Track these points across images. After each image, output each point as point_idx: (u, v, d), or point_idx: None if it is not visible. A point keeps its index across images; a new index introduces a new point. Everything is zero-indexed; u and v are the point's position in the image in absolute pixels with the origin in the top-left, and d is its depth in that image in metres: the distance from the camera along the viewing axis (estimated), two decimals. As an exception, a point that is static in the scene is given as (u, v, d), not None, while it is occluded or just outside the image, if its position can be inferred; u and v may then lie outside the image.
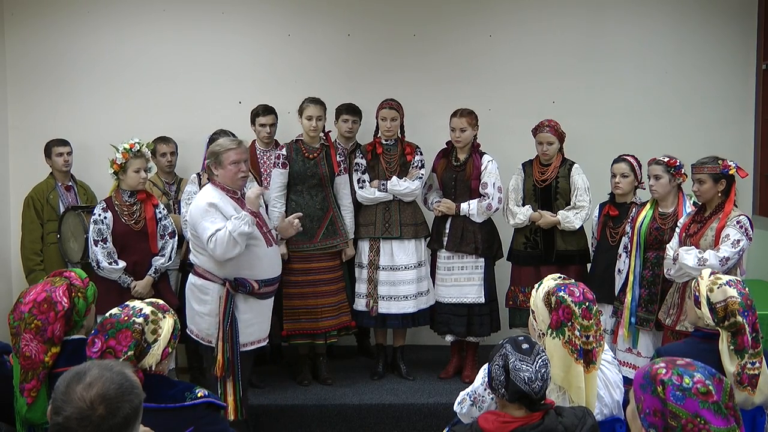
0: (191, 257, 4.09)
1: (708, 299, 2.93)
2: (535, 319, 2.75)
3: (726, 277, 2.98)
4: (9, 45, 5.54)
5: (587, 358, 2.61)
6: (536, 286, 2.80)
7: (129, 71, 5.55)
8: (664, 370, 1.92)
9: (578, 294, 2.66)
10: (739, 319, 2.84)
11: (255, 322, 4.07)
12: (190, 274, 4.08)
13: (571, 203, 4.80)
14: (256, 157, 5.11)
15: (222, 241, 3.78)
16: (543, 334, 2.70)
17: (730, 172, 3.91)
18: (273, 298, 4.21)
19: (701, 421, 1.84)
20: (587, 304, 2.64)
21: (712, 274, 3.03)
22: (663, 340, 4.17)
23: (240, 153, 3.98)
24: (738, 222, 3.86)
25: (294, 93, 5.08)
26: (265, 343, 4.22)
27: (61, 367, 2.59)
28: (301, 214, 4.46)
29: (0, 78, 5.51)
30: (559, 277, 2.78)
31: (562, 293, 2.66)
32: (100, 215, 4.34)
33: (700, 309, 2.96)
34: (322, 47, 5.63)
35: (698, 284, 3.01)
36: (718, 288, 2.93)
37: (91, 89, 5.55)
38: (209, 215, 3.84)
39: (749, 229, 3.87)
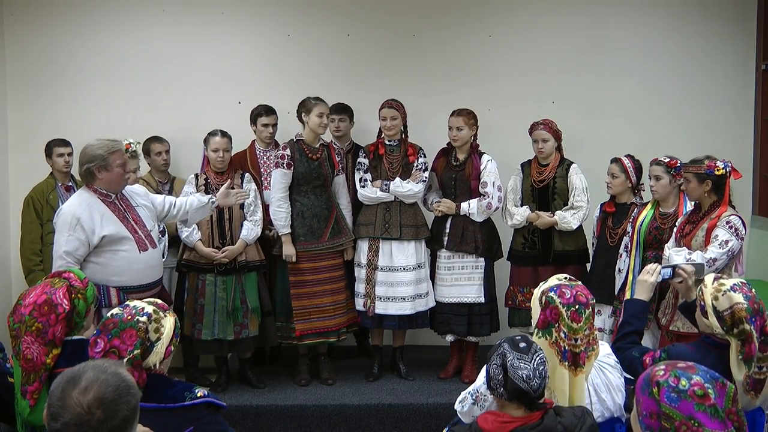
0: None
1: (714, 308, 2.75)
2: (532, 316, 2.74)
3: (730, 282, 2.79)
4: (9, 45, 5.53)
5: (575, 360, 2.58)
6: (540, 284, 2.77)
7: (129, 71, 5.53)
8: (662, 372, 1.90)
9: (569, 296, 2.62)
10: (747, 327, 2.69)
11: None
12: None
13: (569, 203, 4.81)
14: (256, 157, 5.10)
15: None
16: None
17: (717, 173, 3.83)
18: None
19: (695, 424, 1.81)
20: (577, 306, 2.60)
21: (715, 279, 2.84)
22: (660, 340, 4.17)
23: (123, 154, 3.88)
24: (728, 222, 3.82)
25: (294, 93, 5.07)
26: None
27: (61, 367, 2.58)
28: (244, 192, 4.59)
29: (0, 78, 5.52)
30: (564, 278, 2.76)
31: (552, 294, 2.64)
32: None
33: (707, 318, 2.80)
34: (322, 47, 5.62)
35: (703, 293, 2.82)
36: (722, 295, 2.74)
37: (91, 89, 5.54)
38: (67, 229, 3.69)
39: (740, 229, 3.82)
